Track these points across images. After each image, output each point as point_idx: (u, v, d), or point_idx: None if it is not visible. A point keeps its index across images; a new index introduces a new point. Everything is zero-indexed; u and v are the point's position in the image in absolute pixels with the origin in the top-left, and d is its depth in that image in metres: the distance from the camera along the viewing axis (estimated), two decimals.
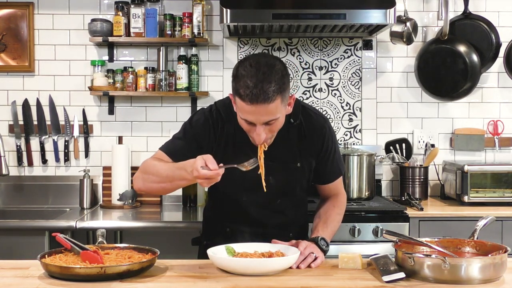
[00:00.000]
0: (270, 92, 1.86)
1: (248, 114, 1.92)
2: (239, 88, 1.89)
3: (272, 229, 2.17)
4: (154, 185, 2.04)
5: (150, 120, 3.64)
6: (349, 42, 3.68)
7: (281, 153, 2.12)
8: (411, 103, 3.70)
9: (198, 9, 3.45)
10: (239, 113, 1.97)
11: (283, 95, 1.92)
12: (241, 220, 2.18)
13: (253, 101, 1.87)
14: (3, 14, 3.59)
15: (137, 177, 2.09)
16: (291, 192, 2.20)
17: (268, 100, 1.87)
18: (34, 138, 3.62)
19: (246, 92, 1.87)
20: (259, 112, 1.90)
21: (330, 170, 2.24)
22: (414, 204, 3.20)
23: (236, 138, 2.10)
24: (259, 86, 1.86)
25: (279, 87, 1.89)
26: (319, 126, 2.18)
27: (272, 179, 2.10)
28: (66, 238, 1.90)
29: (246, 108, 1.90)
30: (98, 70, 3.55)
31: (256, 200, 2.15)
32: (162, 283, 1.73)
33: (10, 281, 1.74)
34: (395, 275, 1.72)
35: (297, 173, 2.16)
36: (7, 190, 3.56)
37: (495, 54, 3.61)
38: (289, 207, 2.21)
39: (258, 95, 1.86)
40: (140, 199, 3.55)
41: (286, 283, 1.73)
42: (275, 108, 1.91)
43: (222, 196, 2.20)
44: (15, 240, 2.93)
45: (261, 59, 1.94)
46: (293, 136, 2.14)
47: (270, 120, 1.93)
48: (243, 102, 1.90)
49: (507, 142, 3.71)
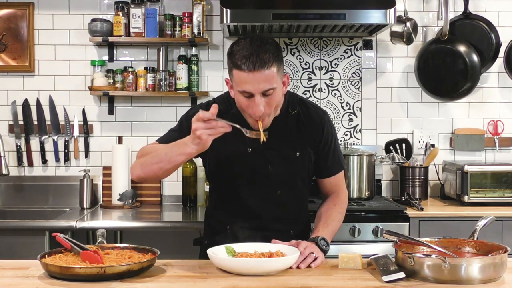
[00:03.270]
0: (266, 59, 1.94)
1: (246, 84, 1.96)
2: (236, 60, 1.95)
3: (273, 225, 2.17)
4: (152, 166, 2.02)
5: (150, 120, 3.64)
6: (349, 42, 3.68)
7: (280, 142, 2.14)
8: (411, 103, 3.70)
9: (198, 9, 3.45)
10: (237, 88, 2.00)
11: (279, 65, 1.99)
12: (241, 215, 2.17)
13: (251, 68, 1.93)
14: (3, 14, 3.59)
15: (134, 165, 2.10)
16: (291, 183, 2.19)
17: (265, 66, 1.93)
18: (34, 138, 3.62)
19: (243, 61, 1.93)
20: (257, 80, 1.94)
21: (331, 162, 2.25)
22: (414, 204, 3.20)
23: (233, 131, 2.11)
24: (255, 54, 1.94)
25: (275, 55, 1.97)
26: (318, 117, 2.21)
27: (272, 168, 2.12)
28: (66, 238, 1.90)
29: (244, 77, 1.95)
30: (98, 70, 3.55)
31: (256, 191, 2.15)
32: (162, 283, 1.73)
33: (10, 281, 1.74)
34: (395, 275, 1.72)
35: (296, 162, 2.17)
36: (7, 190, 3.56)
37: (495, 54, 3.61)
38: (289, 200, 2.20)
39: (255, 62, 1.93)
40: (140, 199, 3.55)
41: (286, 283, 1.73)
42: (272, 77, 1.96)
43: (223, 189, 2.20)
44: (15, 240, 2.93)
45: (253, 36, 2.05)
46: (291, 126, 2.16)
47: (267, 90, 1.97)
48: (240, 72, 1.95)
49: (507, 142, 3.71)
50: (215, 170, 2.20)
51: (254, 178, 2.13)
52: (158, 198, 3.59)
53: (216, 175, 2.21)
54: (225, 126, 1.87)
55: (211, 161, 2.18)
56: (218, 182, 2.22)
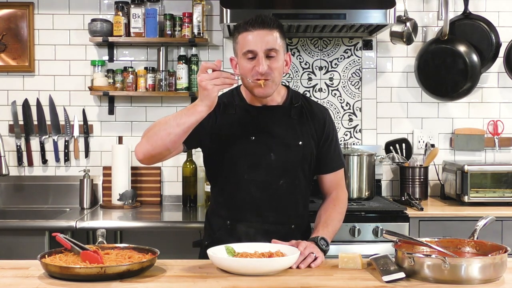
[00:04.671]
0: (270, 21, 2.07)
1: (250, 43, 2.05)
2: (242, 25, 2.07)
3: (274, 218, 2.17)
4: (160, 133, 1.99)
5: (150, 120, 3.63)
6: (349, 42, 3.68)
7: (283, 130, 2.17)
8: (411, 103, 3.70)
9: (198, 9, 3.45)
10: (241, 52, 2.07)
11: (282, 35, 2.09)
12: (242, 208, 2.17)
13: (255, 25, 2.04)
14: (3, 14, 3.59)
15: (139, 143, 2.08)
16: (293, 173, 2.19)
17: (268, 26, 2.05)
18: (34, 138, 3.62)
19: (249, 22, 2.06)
20: (260, 38, 2.04)
21: (332, 158, 2.27)
22: (414, 204, 3.20)
23: (237, 120, 2.16)
24: (259, 17, 2.07)
25: (279, 25, 2.09)
26: (320, 112, 2.27)
27: (274, 156, 2.14)
28: (66, 238, 1.90)
29: (248, 37, 2.05)
30: (98, 70, 3.55)
31: (258, 180, 2.15)
32: (162, 283, 1.73)
33: (10, 281, 1.74)
34: (395, 275, 1.72)
35: (298, 151, 2.18)
36: (7, 190, 3.57)
37: (495, 54, 3.61)
38: (291, 192, 2.20)
39: (258, 22, 2.05)
40: (140, 199, 3.55)
41: (286, 283, 1.73)
42: (275, 38, 2.06)
43: (225, 180, 2.20)
44: (15, 240, 2.93)
45: None
46: (295, 116, 2.20)
47: (270, 50, 2.05)
48: (245, 33, 2.06)
49: (507, 142, 3.71)
50: (218, 160, 2.19)
51: (256, 166, 2.14)
52: (158, 198, 3.59)
53: (218, 164, 2.20)
54: (230, 77, 1.92)
55: (215, 149, 2.18)
56: (221, 172, 2.21)
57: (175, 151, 2.08)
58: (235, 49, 2.14)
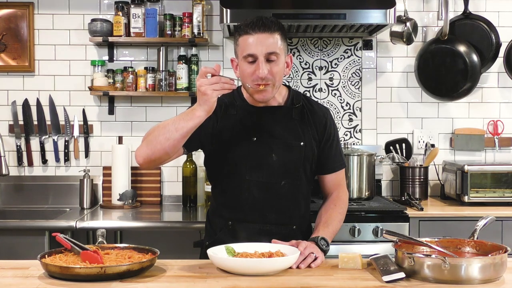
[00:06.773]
0: (271, 25, 2.04)
1: (250, 46, 2.03)
2: (242, 27, 2.05)
3: (276, 218, 2.17)
4: (159, 138, 1.99)
5: (150, 120, 3.63)
6: (349, 42, 3.68)
7: (284, 131, 2.17)
8: (411, 103, 3.70)
9: (198, 9, 3.45)
10: (242, 55, 2.06)
11: (283, 37, 2.08)
12: (244, 208, 2.17)
13: (255, 29, 2.03)
14: (3, 14, 3.59)
15: (139, 147, 2.07)
16: (295, 174, 2.19)
17: (269, 29, 2.03)
18: (34, 138, 3.62)
19: (249, 25, 2.03)
20: (261, 41, 2.03)
21: (333, 158, 2.27)
22: (414, 204, 3.20)
23: (239, 120, 2.16)
24: (260, 20, 2.05)
25: (280, 27, 2.07)
26: (321, 112, 2.27)
27: (275, 156, 2.15)
28: (66, 238, 1.90)
29: (249, 40, 2.03)
30: (98, 70, 3.55)
31: (260, 180, 2.15)
32: (162, 283, 1.73)
33: (10, 281, 1.74)
34: (395, 275, 1.72)
35: (300, 152, 2.18)
36: (7, 190, 3.57)
37: (495, 54, 3.61)
38: (293, 192, 2.20)
39: (259, 25, 2.03)
40: (140, 199, 3.55)
41: (286, 283, 1.73)
42: (276, 42, 2.05)
43: (226, 181, 2.20)
44: (15, 240, 2.93)
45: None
46: (296, 117, 2.20)
47: (271, 53, 2.03)
48: (245, 36, 2.04)
49: (507, 142, 3.71)
50: (219, 160, 2.19)
51: (258, 167, 2.14)
52: (158, 198, 3.59)
53: (220, 165, 2.20)
54: (229, 82, 1.91)
55: (216, 150, 2.18)
56: (222, 173, 2.21)
57: (175, 154, 2.08)
58: (236, 51, 2.14)
